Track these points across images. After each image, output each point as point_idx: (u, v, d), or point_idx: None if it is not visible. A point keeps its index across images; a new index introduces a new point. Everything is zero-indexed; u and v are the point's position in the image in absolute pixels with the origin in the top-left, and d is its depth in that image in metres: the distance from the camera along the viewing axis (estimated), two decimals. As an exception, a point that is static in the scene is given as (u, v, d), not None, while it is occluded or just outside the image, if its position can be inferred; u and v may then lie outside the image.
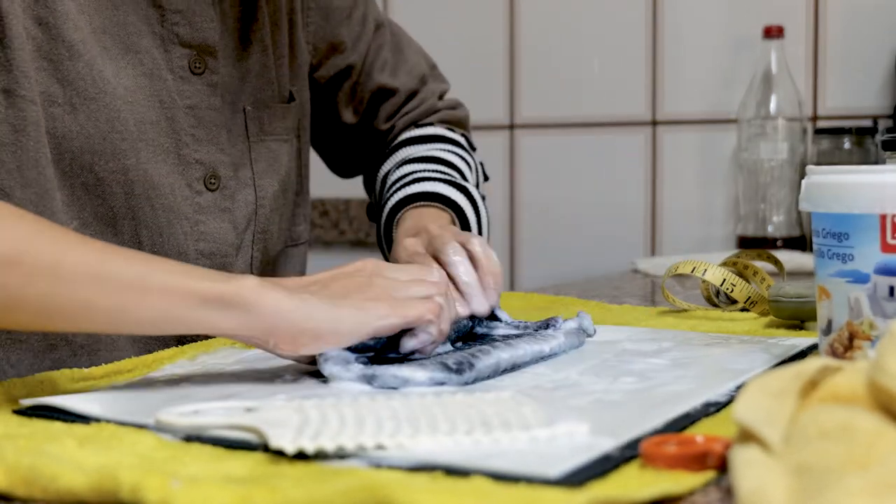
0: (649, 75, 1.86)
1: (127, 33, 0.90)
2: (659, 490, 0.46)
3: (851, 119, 1.71)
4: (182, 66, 0.94)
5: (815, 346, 0.80)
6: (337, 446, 0.53)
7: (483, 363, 0.71)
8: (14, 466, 0.49)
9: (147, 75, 0.91)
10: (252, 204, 1.01)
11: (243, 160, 1.00)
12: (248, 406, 0.61)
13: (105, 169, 0.88)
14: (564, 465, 0.49)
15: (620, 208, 1.88)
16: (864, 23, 1.72)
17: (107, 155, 0.88)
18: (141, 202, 0.91)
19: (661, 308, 1.07)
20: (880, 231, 0.64)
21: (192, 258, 0.94)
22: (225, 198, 0.97)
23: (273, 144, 1.04)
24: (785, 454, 0.44)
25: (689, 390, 0.66)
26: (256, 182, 1.01)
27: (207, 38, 0.95)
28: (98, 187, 0.89)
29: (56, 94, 0.86)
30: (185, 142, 0.94)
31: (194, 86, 0.94)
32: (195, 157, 0.95)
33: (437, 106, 1.19)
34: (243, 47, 1.00)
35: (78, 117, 0.87)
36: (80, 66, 0.87)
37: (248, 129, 1.01)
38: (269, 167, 1.03)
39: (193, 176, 0.95)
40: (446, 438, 0.54)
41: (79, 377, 0.73)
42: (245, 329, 0.67)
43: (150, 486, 0.46)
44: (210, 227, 0.96)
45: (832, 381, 0.49)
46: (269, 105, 1.03)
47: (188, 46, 0.94)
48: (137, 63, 0.91)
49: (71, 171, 0.87)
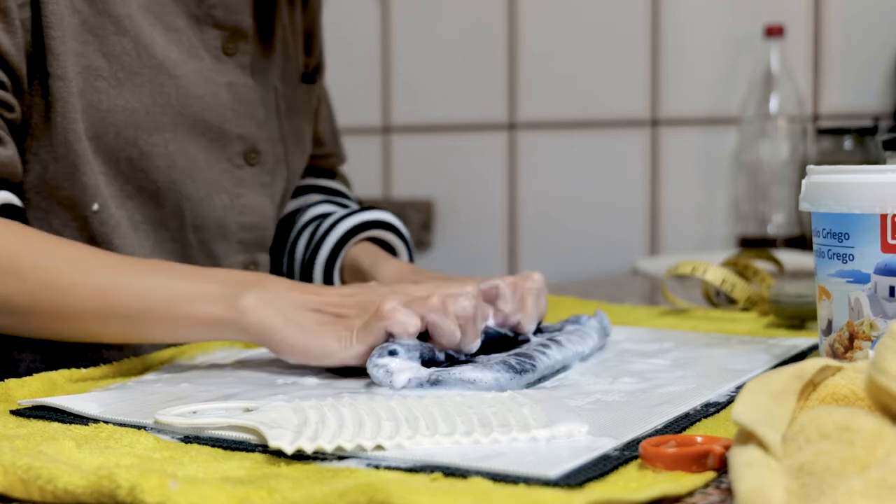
0: (650, 75, 1.86)
1: (165, 12, 0.92)
2: (658, 491, 0.46)
3: (852, 119, 1.71)
4: (216, 47, 0.95)
5: (815, 346, 0.80)
6: (335, 447, 0.52)
7: (543, 363, 0.71)
8: (12, 467, 0.49)
9: (188, 53, 0.93)
10: (284, 180, 1.04)
11: (277, 137, 1.02)
12: (247, 406, 0.61)
13: (148, 143, 0.90)
14: (564, 465, 0.49)
15: (621, 208, 1.88)
16: (865, 22, 1.72)
17: (150, 129, 0.90)
18: (182, 175, 0.92)
19: (661, 308, 1.07)
20: (881, 231, 0.64)
21: (233, 231, 0.97)
22: (265, 172, 1.00)
23: (299, 123, 1.07)
24: (785, 455, 0.43)
25: (690, 391, 0.66)
26: (288, 158, 1.04)
27: (241, 22, 0.96)
28: (142, 160, 0.90)
29: (101, 67, 0.87)
30: (227, 117, 0.96)
31: (227, 66, 0.96)
32: (237, 132, 0.97)
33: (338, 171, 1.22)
34: (266, 27, 1.01)
35: (123, 91, 0.88)
36: (126, 41, 0.88)
37: (279, 107, 1.03)
38: (296, 145, 1.06)
39: (234, 150, 0.97)
40: (445, 439, 0.54)
41: (77, 377, 0.73)
42: (242, 340, 0.75)
43: (148, 486, 0.46)
44: (251, 200, 0.98)
45: (832, 382, 0.49)
46: (294, 84, 1.06)
47: (222, 28, 0.95)
48: (178, 41, 0.92)
49: (116, 144, 0.88)
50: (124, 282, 0.75)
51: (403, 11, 2.01)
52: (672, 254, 1.80)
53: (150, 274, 0.76)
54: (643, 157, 1.87)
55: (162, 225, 0.92)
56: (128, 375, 0.75)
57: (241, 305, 0.73)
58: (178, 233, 0.93)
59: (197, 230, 0.94)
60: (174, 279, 0.76)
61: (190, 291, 0.74)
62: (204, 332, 0.75)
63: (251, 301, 0.73)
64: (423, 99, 2.04)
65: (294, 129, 1.05)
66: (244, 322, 0.73)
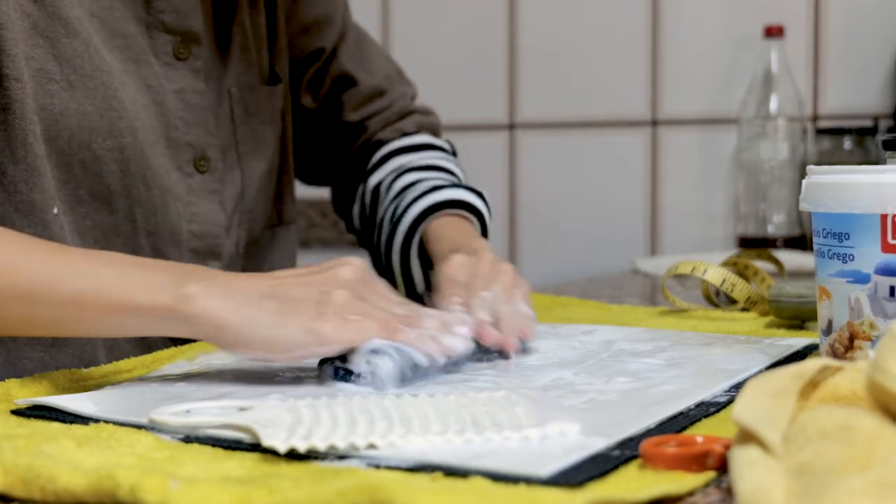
0: (650, 75, 1.86)
1: (113, 18, 0.91)
2: (659, 490, 0.46)
3: (852, 119, 1.71)
4: (167, 52, 0.94)
5: (812, 346, 0.80)
6: (328, 446, 0.53)
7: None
8: (12, 467, 0.49)
9: (134, 60, 0.92)
10: (238, 185, 1.02)
11: (230, 143, 1.01)
12: (242, 405, 0.61)
13: (102, 147, 0.88)
14: (555, 464, 0.49)
15: (620, 208, 1.88)
16: (865, 22, 1.72)
17: (104, 132, 0.88)
18: (136, 181, 0.91)
19: (661, 308, 1.07)
20: (881, 231, 0.64)
21: (185, 238, 0.95)
22: (214, 180, 0.98)
23: (259, 126, 1.05)
24: (785, 454, 0.43)
25: (684, 390, 0.66)
26: (243, 164, 1.02)
27: (192, 26, 0.95)
28: (94, 164, 0.89)
29: (53, 71, 0.86)
30: (175, 125, 0.95)
31: (179, 71, 0.95)
32: (185, 139, 0.95)
33: (410, 107, 1.19)
34: (223, 31, 1.00)
35: (76, 94, 0.87)
36: (77, 44, 0.86)
37: (234, 112, 1.01)
38: (254, 149, 1.04)
39: (183, 158, 0.95)
40: (438, 438, 0.54)
41: (77, 377, 0.73)
42: (192, 334, 0.69)
43: (148, 486, 0.46)
44: (201, 208, 0.97)
45: (832, 382, 0.49)
46: (252, 87, 1.04)
47: (173, 33, 0.94)
48: (125, 47, 0.91)
49: (68, 148, 0.87)
50: (58, 266, 0.69)
51: (403, 11, 2.01)
52: (672, 254, 1.80)
53: (86, 260, 0.71)
54: (643, 157, 1.87)
55: (113, 231, 0.90)
56: (128, 375, 0.75)
57: (185, 292, 0.67)
58: (131, 239, 0.91)
59: (149, 236, 0.92)
60: (112, 266, 0.70)
61: (127, 278, 0.69)
62: (139, 322, 0.68)
63: (196, 288, 0.67)
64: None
65: (251, 133, 1.03)
66: (187, 310, 0.67)
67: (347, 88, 1.16)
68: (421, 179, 1.07)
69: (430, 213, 1.02)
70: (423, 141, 1.15)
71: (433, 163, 1.11)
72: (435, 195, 1.03)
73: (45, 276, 0.69)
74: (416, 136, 1.16)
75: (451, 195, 1.03)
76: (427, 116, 1.20)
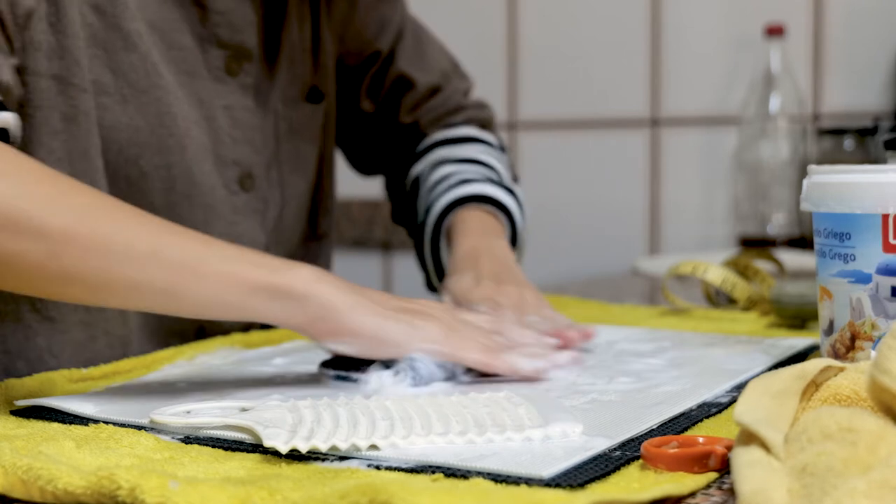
0: (650, 74, 1.86)
1: (171, 30, 0.90)
2: (660, 491, 0.46)
3: (852, 118, 1.71)
4: (218, 67, 0.93)
5: (813, 346, 0.80)
6: (330, 447, 0.53)
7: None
8: (12, 467, 0.49)
9: (188, 73, 0.91)
10: (279, 205, 1.01)
11: (273, 161, 1.00)
12: (243, 406, 0.61)
13: (150, 163, 0.88)
14: (558, 465, 0.49)
15: (621, 208, 1.88)
16: (866, 22, 1.72)
17: (153, 149, 0.88)
18: (180, 199, 0.90)
19: (661, 308, 1.07)
20: (882, 231, 0.64)
21: None
22: (258, 199, 0.97)
23: (301, 145, 1.04)
24: (787, 455, 0.43)
25: (686, 390, 0.66)
26: (284, 183, 1.01)
27: (245, 41, 0.95)
28: (141, 181, 0.88)
29: (108, 83, 0.85)
30: (224, 141, 0.94)
31: (229, 87, 0.94)
32: (232, 157, 0.95)
33: (463, 103, 1.18)
34: (272, 46, 0.99)
35: (128, 109, 0.86)
36: (135, 58, 0.86)
37: (278, 130, 1.01)
38: (295, 168, 1.03)
39: (230, 176, 0.95)
40: (440, 439, 0.54)
41: (77, 377, 0.72)
42: (291, 318, 0.67)
43: (148, 487, 0.46)
44: (243, 227, 0.96)
45: (834, 382, 0.49)
46: (296, 104, 1.03)
47: (226, 48, 0.93)
48: (181, 60, 0.91)
49: (116, 162, 0.86)
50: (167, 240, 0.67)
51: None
52: (672, 254, 1.80)
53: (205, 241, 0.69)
54: (643, 156, 1.87)
55: None
56: (128, 375, 0.75)
57: (297, 275, 0.67)
58: None
59: None
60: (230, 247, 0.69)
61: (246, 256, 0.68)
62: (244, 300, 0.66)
63: (308, 274, 0.68)
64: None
65: (294, 151, 1.03)
66: (300, 291, 0.66)
67: (406, 91, 1.15)
68: (454, 173, 1.07)
69: (455, 207, 1.02)
70: (466, 134, 1.15)
71: (472, 156, 1.11)
72: (460, 189, 1.03)
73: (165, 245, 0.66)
74: (459, 129, 1.15)
75: (476, 190, 1.03)
76: (479, 110, 1.20)
